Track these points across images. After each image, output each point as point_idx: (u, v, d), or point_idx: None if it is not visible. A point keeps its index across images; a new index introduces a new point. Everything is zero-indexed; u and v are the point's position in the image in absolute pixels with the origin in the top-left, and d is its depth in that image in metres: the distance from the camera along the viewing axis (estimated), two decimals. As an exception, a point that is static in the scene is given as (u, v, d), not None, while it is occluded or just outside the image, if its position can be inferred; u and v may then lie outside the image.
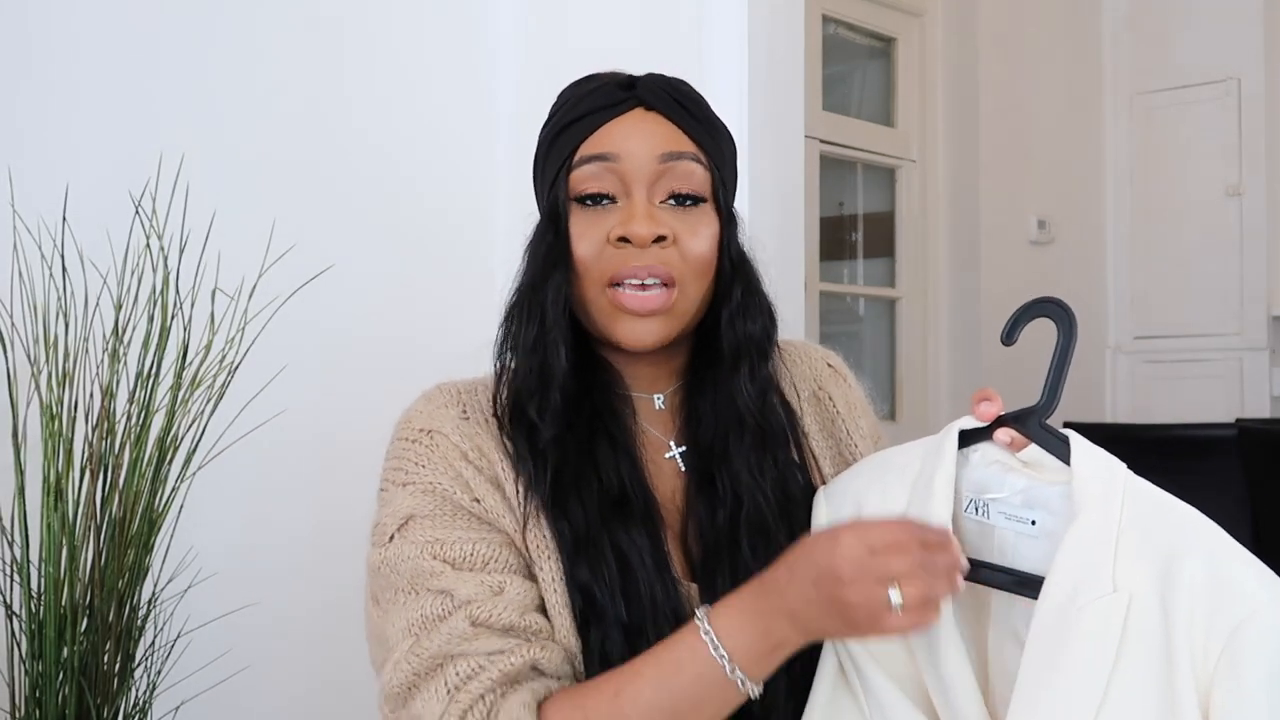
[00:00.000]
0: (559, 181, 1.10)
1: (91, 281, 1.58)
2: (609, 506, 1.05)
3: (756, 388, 1.11)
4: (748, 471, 1.09)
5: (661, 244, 1.07)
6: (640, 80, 1.12)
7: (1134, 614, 0.84)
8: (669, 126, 1.09)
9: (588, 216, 1.08)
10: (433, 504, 1.04)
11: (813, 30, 3.70)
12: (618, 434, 1.08)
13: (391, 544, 1.04)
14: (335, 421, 1.97)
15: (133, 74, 1.85)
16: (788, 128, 2.16)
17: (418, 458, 1.07)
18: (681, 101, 1.11)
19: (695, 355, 1.15)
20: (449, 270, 2.22)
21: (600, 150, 1.08)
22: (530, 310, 1.09)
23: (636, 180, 1.07)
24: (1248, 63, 4.57)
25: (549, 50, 2.27)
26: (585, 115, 1.09)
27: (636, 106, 1.09)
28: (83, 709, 1.44)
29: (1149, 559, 0.85)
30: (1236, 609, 0.81)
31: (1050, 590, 0.87)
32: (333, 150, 2.08)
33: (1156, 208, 4.79)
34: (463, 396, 1.12)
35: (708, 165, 1.10)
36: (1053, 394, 0.93)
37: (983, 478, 0.95)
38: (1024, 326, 0.96)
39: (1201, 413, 4.39)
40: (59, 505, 1.44)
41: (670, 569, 1.05)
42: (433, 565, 1.01)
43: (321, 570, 1.77)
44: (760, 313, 1.13)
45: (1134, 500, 0.87)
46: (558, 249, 1.08)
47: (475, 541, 1.02)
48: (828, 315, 3.97)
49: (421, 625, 0.99)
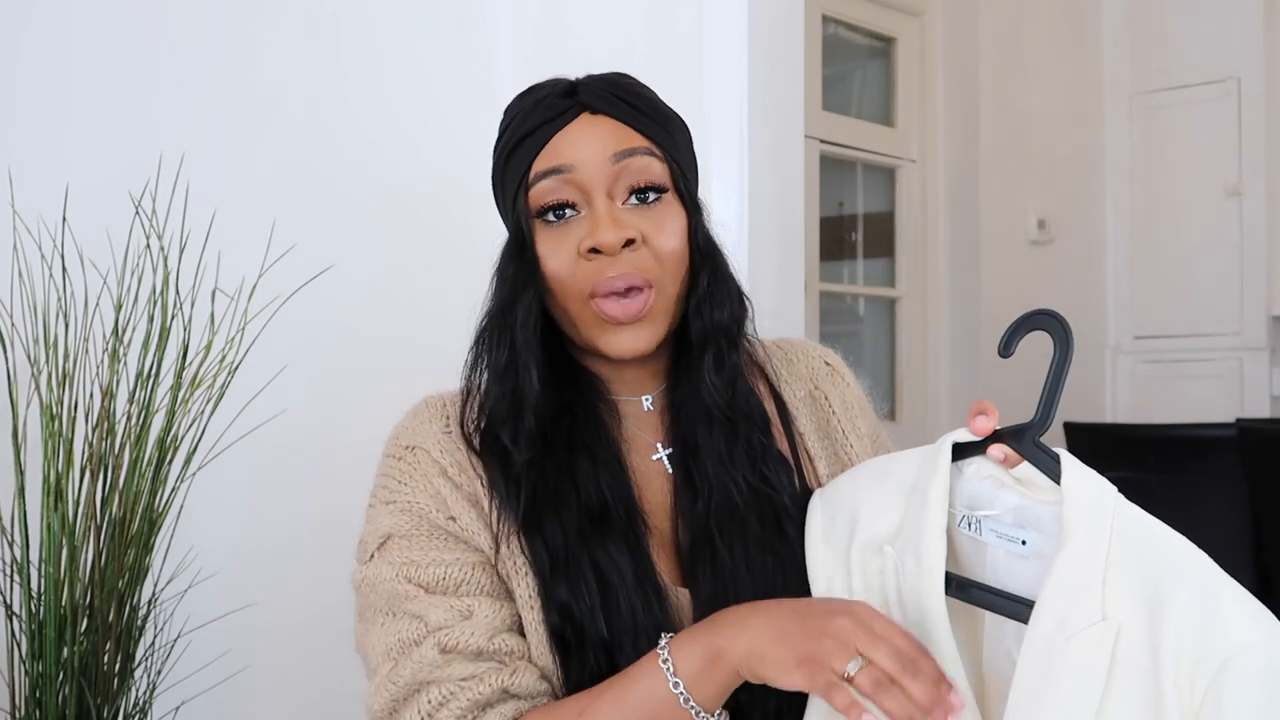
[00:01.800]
0: (519, 201, 1.09)
1: (91, 281, 1.58)
2: (588, 523, 1.05)
3: (723, 377, 1.10)
4: (717, 461, 1.08)
5: (632, 247, 1.06)
6: (581, 84, 1.10)
7: (1122, 644, 0.83)
8: (617, 126, 1.08)
9: (553, 233, 1.07)
10: (410, 523, 1.06)
11: (813, 30, 3.70)
12: (599, 447, 1.08)
13: (371, 563, 1.07)
14: (335, 421, 1.97)
15: (133, 74, 1.85)
16: (788, 128, 2.16)
17: (400, 475, 1.08)
18: (625, 98, 1.09)
19: (677, 350, 1.14)
20: (449, 270, 2.22)
21: (553, 164, 1.07)
22: (500, 333, 1.08)
23: (594, 186, 1.06)
24: (1248, 63, 4.57)
25: (549, 50, 2.27)
26: (534, 130, 1.08)
27: (582, 113, 1.08)
28: (83, 709, 1.44)
29: (1137, 588, 0.84)
30: (1223, 645, 0.80)
31: (1040, 617, 0.87)
32: (333, 150, 2.08)
33: (1156, 208, 4.79)
34: (447, 409, 1.12)
35: (663, 157, 1.09)
36: (1047, 411, 0.92)
37: (976, 492, 0.95)
38: (1021, 339, 0.95)
39: (1201, 413, 4.39)
40: (59, 505, 1.44)
41: (654, 581, 1.04)
42: (407, 589, 1.03)
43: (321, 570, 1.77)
44: (729, 299, 1.12)
45: (1123, 526, 0.86)
46: (525, 269, 1.08)
47: (449, 564, 1.04)
48: (828, 315, 3.97)
49: (399, 650, 1.02)
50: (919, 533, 0.95)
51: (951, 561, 0.96)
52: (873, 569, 0.99)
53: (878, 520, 1.00)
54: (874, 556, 0.99)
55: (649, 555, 1.06)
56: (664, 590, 1.05)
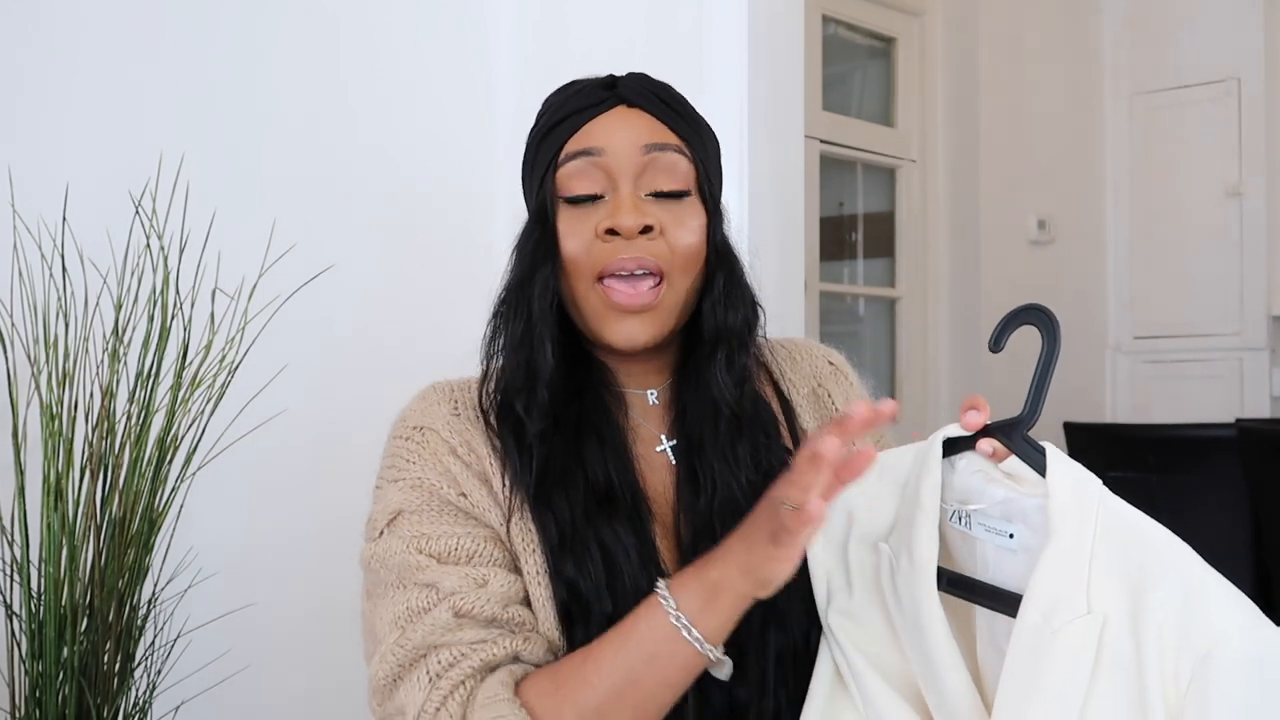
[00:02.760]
0: (546, 180, 1.11)
1: (91, 281, 1.58)
2: (595, 503, 1.06)
3: (733, 377, 1.11)
4: (722, 460, 1.09)
5: (649, 235, 1.07)
6: (621, 79, 1.13)
7: (1108, 636, 0.84)
8: (651, 120, 1.11)
9: (575, 214, 1.10)
10: (421, 499, 1.06)
11: (813, 30, 3.70)
12: (606, 431, 1.09)
13: (381, 539, 1.07)
14: (335, 421, 1.97)
15: (133, 74, 1.85)
16: (788, 128, 2.16)
17: (409, 454, 1.09)
18: (661, 96, 1.13)
19: (685, 348, 1.15)
20: (449, 270, 2.22)
21: (585, 146, 1.09)
22: (517, 306, 1.10)
23: (622, 173, 1.09)
24: (1248, 63, 4.56)
25: (549, 50, 2.27)
26: (569, 115, 1.11)
27: (619, 104, 1.11)
28: (83, 709, 1.44)
29: (1121, 580, 0.84)
30: (1205, 636, 0.80)
31: (1027, 611, 0.87)
32: (333, 150, 2.09)
33: (1156, 208, 4.79)
34: (455, 393, 1.14)
35: (691, 158, 1.11)
36: (1034, 404, 0.92)
37: (966, 486, 0.95)
38: (1010, 334, 0.96)
39: (1201, 413, 4.39)
40: (59, 505, 1.44)
41: (657, 564, 1.05)
42: (419, 560, 1.03)
43: (321, 570, 1.77)
44: (742, 303, 1.13)
45: (1108, 519, 0.87)
46: (544, 245, 1.10)
47: (461, 536, 1.04)
48: (828, 315, 3.97)
49: (408, 618, 1.01)
50: (911, 529, 0.95)
51: (944, 556, 0.96)
52: (868, 565, 1.00)
53: (873, 517, 1.00)
54: (869, 553, 1.01)
55: (653, 540, 1.07)
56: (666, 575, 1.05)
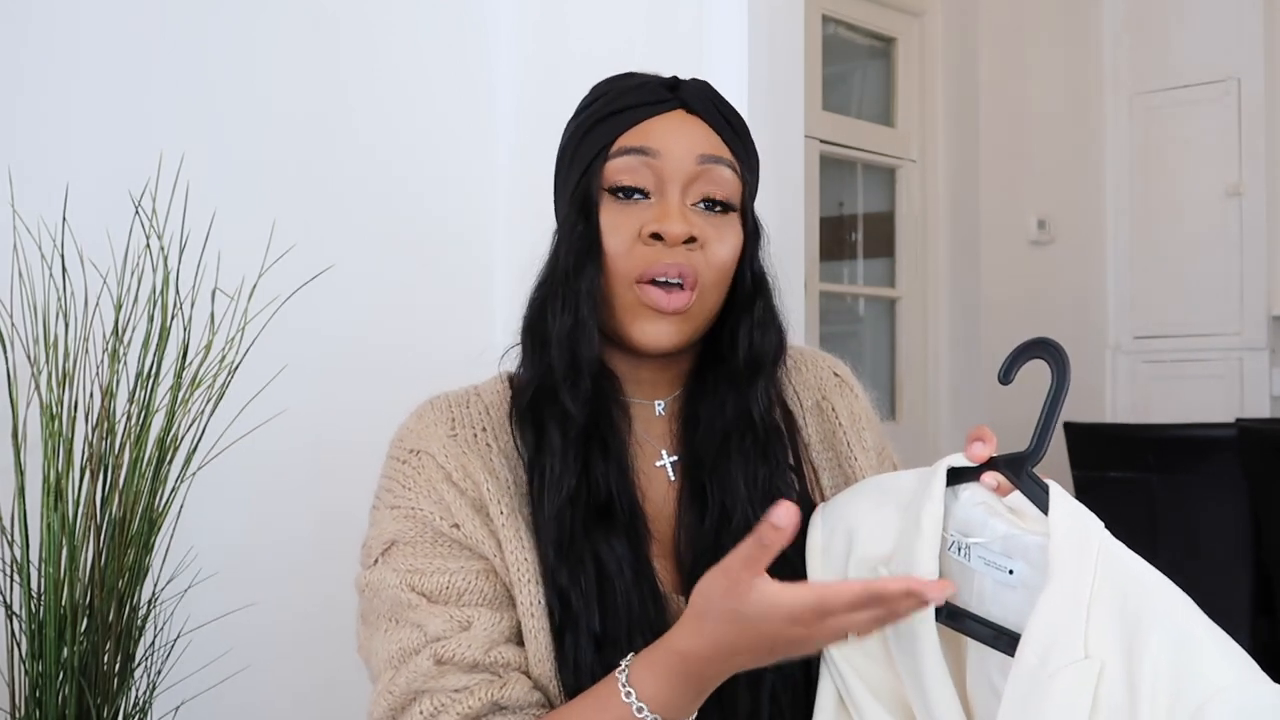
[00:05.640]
0: (592, 171, 1.09)
1: (91, 281, 1.58)
2: (593, 515, 1.05)
3: (764, 402, 1.11)
4: (742, 482, 1.08)
5: (690, 245, 1.06)
6: (684, 83, 1.12)
7: (1103, 683, 0.84)
8: (709, 131, 1.10)
9: (619, 209, 1.08)
10: (414, 530, 1.06)
11: (813, 30, 3.70)
12: (611, 442, 1.08)
13: (376, 568, 1.07)
14: (335, 422, 1.97)
15: (132, 74, 1.85)
16: (788, 128, 2.16)
17: (404, 480, 1.08)
18: (723, 111, 1.12)
19: (701, 363, 1.14)
20: (448, 271, 2.22)
21: (640, 143, 1.08)
22: (566, 299, 1.07)
23: (673, 179, 1.07)
24: (1248, 63, 4.57)
25: (549, 51, 2.27)
26: (627, 109, 1.09)
27: (679, 107, 1.10)
28: (83, 709, 1.44)
29: (1118, 627, 0.84)
30: (1199, 689, 0.80)
31: (1024, 653, 0.87)
32: (333, 151, 2.08)
33: (1156, 208, 4.79)
34: (454, 411, 1.12)
35: (740, 175, 1.11)
36: (1041, 440, 0.92)
37: (968, 518, 0.95)
38: (1020, 367, 0.96)
39: (1201, 413, 4.39)
40: (59, 505, 1.44)
41: (653, 581, 1.05)
42: (409, 597, 1.04)
43: (321, 570, 1.77)
44: (775, 329, 1.13)
45: (1108, 564, 0.87)
46: (589, 239, 1.07)
47: (453, 572, 1.04)
48: (828, 315, 3.97)
49: (399, 659, 1.03)
50: (911, 557, 0.95)
51: None
52: None
53: (874, 540, 1.00)
54: (869, 576, 0.99)
55: (649, 558, 1.06)
56: (661, 595, 1.05)
